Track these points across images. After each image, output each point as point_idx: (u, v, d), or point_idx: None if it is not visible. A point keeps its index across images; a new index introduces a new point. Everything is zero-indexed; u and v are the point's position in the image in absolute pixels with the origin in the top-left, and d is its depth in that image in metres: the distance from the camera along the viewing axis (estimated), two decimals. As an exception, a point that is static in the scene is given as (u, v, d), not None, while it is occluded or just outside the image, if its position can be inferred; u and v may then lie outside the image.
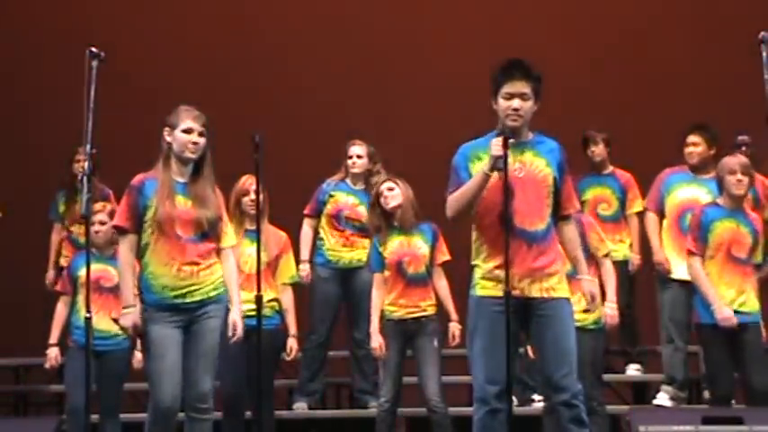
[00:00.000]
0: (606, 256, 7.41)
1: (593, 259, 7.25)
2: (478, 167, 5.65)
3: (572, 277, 5.92)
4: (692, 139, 8.42)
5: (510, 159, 5.59)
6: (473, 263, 5.76)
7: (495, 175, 5.58)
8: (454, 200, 5.66)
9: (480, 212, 5.67)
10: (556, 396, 5.66)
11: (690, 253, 7.40)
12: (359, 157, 8.50)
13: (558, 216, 5.79)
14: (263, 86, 10.56)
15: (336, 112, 10.35)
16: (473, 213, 5.68)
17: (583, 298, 5.94)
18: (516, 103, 5.65)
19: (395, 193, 7.60)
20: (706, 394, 8.29)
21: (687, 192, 8.38)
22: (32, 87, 10.60)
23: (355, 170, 8.49)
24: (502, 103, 5.68)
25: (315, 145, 9.97)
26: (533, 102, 5.70)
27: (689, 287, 8.21)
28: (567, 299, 5.73)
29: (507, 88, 5.67)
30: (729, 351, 7.26)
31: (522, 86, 5.66)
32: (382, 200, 7.62)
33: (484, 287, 5.67)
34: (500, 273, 5.59)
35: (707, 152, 8.38)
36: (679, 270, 8.26)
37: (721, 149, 8.36)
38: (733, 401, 7.57)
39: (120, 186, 6.49)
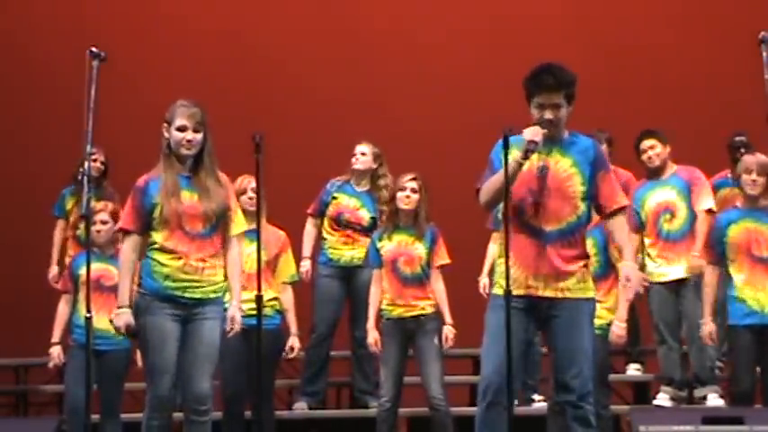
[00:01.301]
0: None
1: (614, 270, 7.21)
2: (510, 159, 5.61)
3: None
4: (648, 143, 8.46)
5: (535, 157, 5.61)
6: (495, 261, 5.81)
7: (529, 161, 5.57)
8: (486, 188, 5.66)
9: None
10: (563, 396, 5.68)
11: (706, 262, 7.45)
12: (363, 154, 8.50)
13: (604, 215, 5.77)
14: (264, 86, 10.56)
15: (337, 112, 10.35)
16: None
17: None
18: (548, 114, 5.63)
19: (414, 198, 7.56)
20: (697, 393, 8.31)
21: (656, 197, 8.41)
22: (33, 87, 10.60)
23: (358, 166, 8.49)
24: (534, 113, 5.66)
25: (315, 145, 9.98)
26: (567, 107, 5.68)
27: (674, 288, 8.25)
28: (586, 299, 5.70)
29: (539, 98, 5.65)
30: (756, 352, 7.25)
31: (553, 97, 5.64)
32: (402, 195, 7.57)
33: (501, 285, 5.65)
34: (513, 271, 5.59)
35: (665, 152, 8.43)
36: (663, 273, 8.29)
37: (673, 147, 8.42)
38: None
39: (123, 186, 6.50)
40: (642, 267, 8.32)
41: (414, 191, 7.55)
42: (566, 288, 5.66)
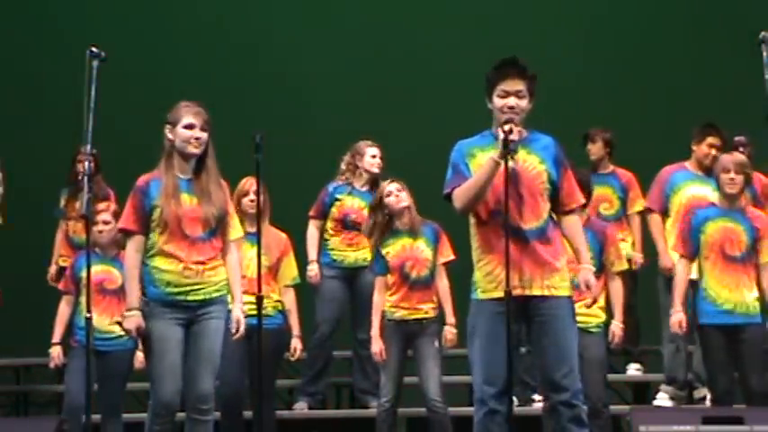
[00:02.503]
0: (619, 274, 7.34)
1: (603, 272, 7.19)
2: (475, 165, 5.64)
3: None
4: (713, 141, 8.34)
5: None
6: (475, 265, 5.73)
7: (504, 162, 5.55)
8: (464, 191, 5.61)
9: (476, 211, 5.66)
10: (556, 395, 5.65)
11: (679, 254, 7.44)
12: (381, 158, 8.47)
13: (561, 211, 5.75)
14: (264, 86, 10.56)
15: (337, 112, 10.34)
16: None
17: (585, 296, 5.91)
18: (512, 101, 5.64)
19: (404, 195, 7.57)
20: (696, 394, 8.31)
21: (694, 190, 8.35)
22: (33, 87, 10.60)
23: (375, 170, 8.42)
24: (497, 102, 5.67)
25: (316, 145, 9.97)
26: (528, 100, 5.69)
27: (694, 288, 8.23)
28: (569, 297, 5.71)
29: (502, 86, 5.67)
30: (729, 351, 7.24)
31: (517, 84, 5.66)
32: (392, 199, 7.57)
33: (485, 290, 5.64)
34: (499, 273, 5.57)
35: (720, 155, 8.37)
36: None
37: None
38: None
39: (118, 185, 6.50)
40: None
41: (399, 190, 7.55)
42: (551, 285, 5.65)
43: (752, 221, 7.31)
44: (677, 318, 7.34)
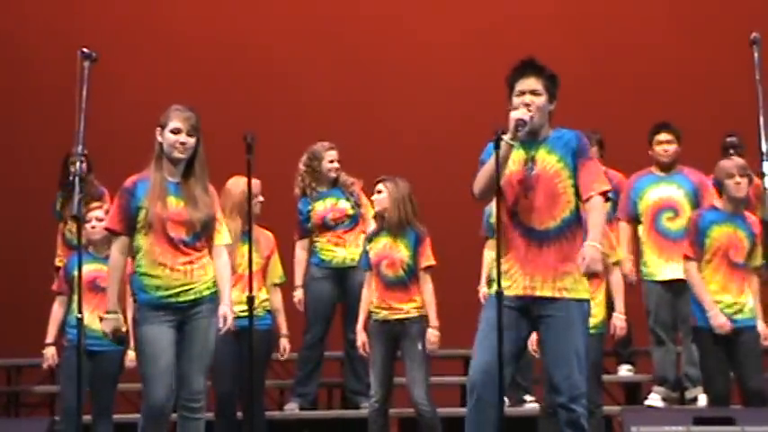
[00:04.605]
0: (616, 264, 7.37)
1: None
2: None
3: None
4: (664, 137, 8.46)
5: (522, 156, 5.64)
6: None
7: (518, 163, 5.61)
8: (477, 178, 5.64)
9: (499, 212, 5.65)
10: (555, 397, 5.67)
11: (686, 257, 7.35)
12: (339, 161, 8.52)
13: (583, 201, 5.69)
14: (255, 88, 10.55)
15: (330, 114, 10.34)
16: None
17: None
18: (527, 98, 5.66)
19: (380, 197, 7.55)
20: (688, 394, 8.31)
21: (658, 192, 8.42)
22: (28, 88, 10.59)
23: (333, 175, 8.49)
24: (514, 101, 5.70)
25: (308, 146, 9.97)
26: (546, 99, 5.70)
27: (673, 288, 8.25)
28: (581, 300, 5.69)
29: (518, 86, 5.70)
30: (726, 353, 7.23)
31: (531, 84, 5.69)
32: (373, 198, 7.60)
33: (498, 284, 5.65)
34: (514, 272, 5.61)
35: (678, 149, 8.44)
36: (662, 272, 8.29)
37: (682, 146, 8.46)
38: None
39: (113, 187, 6.49)
40: (635, 262, 8.45)
41: (378, 192, 7.55)
42: (563, 288, 5.64)
43: (751, 227, 7.30)
44: (720, 320, 7.17)
